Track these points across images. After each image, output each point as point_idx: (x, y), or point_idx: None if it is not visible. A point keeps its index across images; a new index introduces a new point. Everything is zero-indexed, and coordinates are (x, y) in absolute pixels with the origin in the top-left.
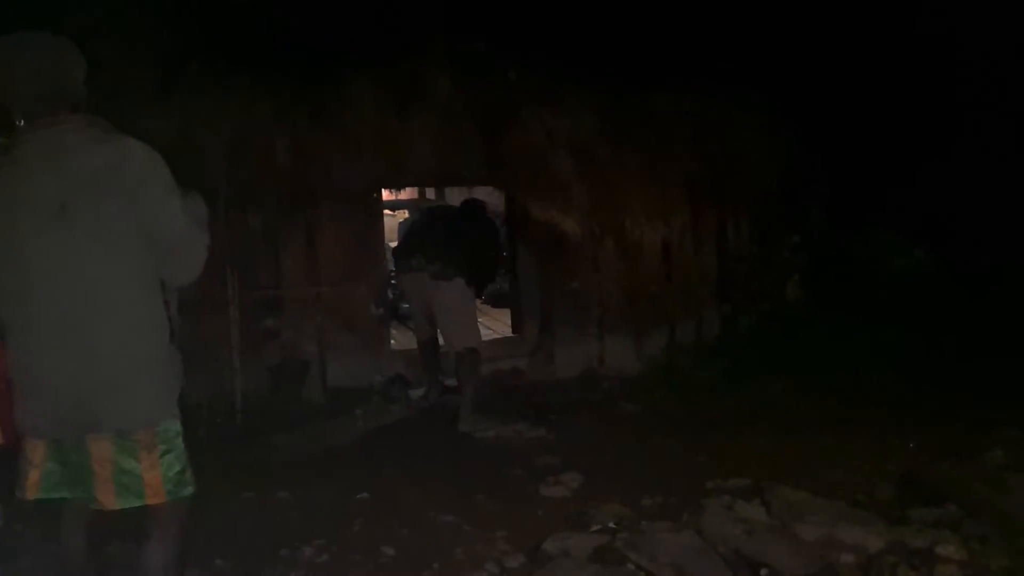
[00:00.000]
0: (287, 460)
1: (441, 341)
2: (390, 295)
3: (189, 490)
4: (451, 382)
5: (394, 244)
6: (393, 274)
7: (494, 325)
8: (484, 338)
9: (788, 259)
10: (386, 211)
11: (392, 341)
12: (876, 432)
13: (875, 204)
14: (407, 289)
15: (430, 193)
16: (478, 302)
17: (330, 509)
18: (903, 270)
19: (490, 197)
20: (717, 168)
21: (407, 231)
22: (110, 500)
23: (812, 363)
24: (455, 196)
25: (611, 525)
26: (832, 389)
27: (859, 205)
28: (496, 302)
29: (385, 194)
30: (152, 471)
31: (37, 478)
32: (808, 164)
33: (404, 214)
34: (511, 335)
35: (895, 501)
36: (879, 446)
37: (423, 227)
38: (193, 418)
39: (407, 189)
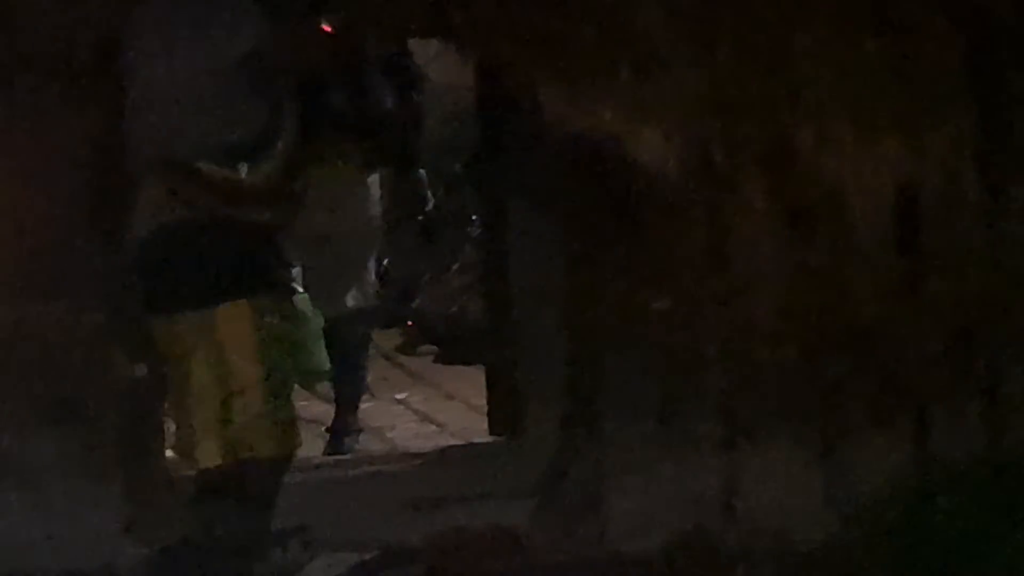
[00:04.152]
0: None
1: None
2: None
3: None
4: None
5: None
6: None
7: (442, 410)
8: (413, 441)
9: None
10: None
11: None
12: None
13: None
14: None
15: None
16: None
17: None
18: None
19: (433, 64)
20: None
21: None
22: None
23: None
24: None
25: None
26: None
27: None
28: (449, 350)
29: None
30: None
31: None
32: None
33: None
34: (486, 439)
35: None
36: None
37: None
38: None
39: None
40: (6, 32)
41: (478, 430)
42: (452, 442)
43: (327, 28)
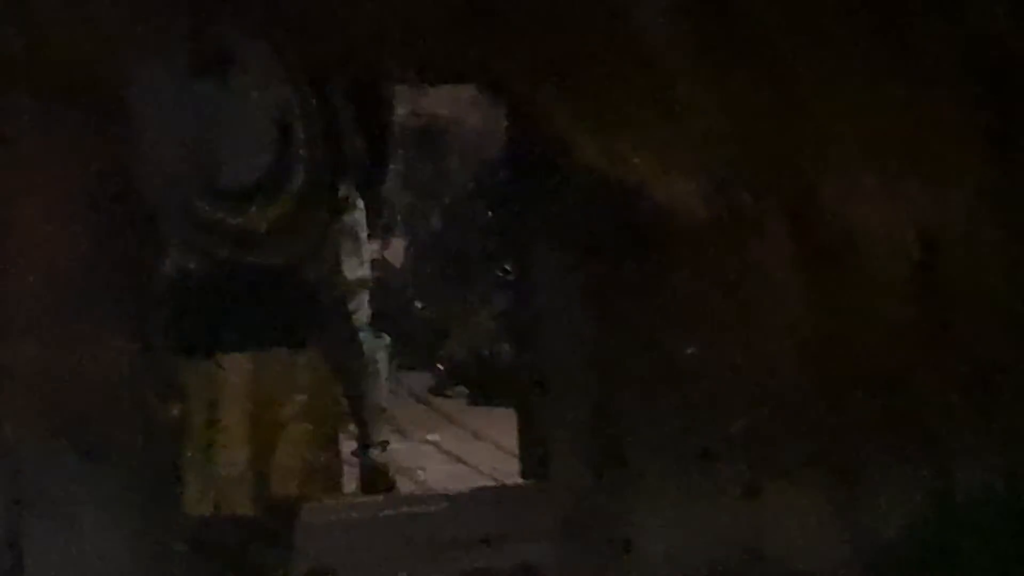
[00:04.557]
0: None
1: None
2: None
3: None
4: None
5: None
6: None
7: (473, 451)
8: (444, 482)
9: None
10: None
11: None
12: None
13: None
14: None
15: None
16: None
17: None
18: None
19: (467, 110)
20: None
21: None
22: None
23: None
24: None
25: None
26: None
27: None
28: (480, 392)
29: None
30: None
31: None
32: None
33: None
34: (517, 481)
35: None
36: None
37: None
38: None
39: None
40: (40, 70)
41: (509, 472)
42: (483, 483)
43: None
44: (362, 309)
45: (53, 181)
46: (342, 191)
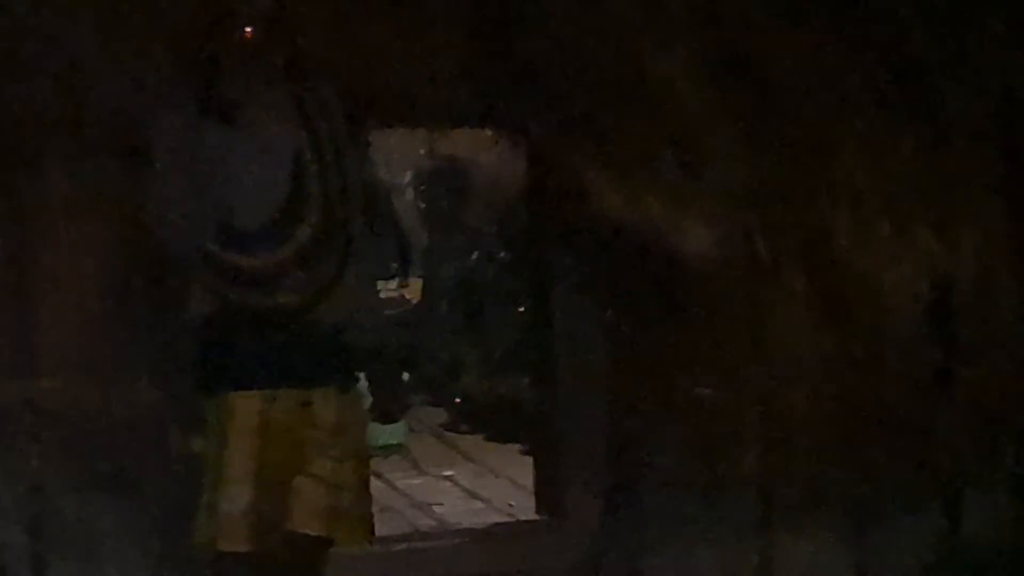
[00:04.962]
0: None
1: None
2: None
3: None
4: None
5: None
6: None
7: (489, 487)
8: (460, 518)
9: None
10: None
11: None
12: None
13: None
14: None
15: None
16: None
17: None
18: None
19: (487, 151)
20: None
21: None
22: None
23: None
24: (405, 153)
25: None
26: None
27: None
28: (496, 428)
29: None
30: None
31: None
32: None
33: None
34: (532, 517)
35: None
36: None
37: None
38: None
39: None
40: (70, 118)
41: (524, 507)
42: (498, 519)
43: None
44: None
45: (81, 224)
46: (356, 230)
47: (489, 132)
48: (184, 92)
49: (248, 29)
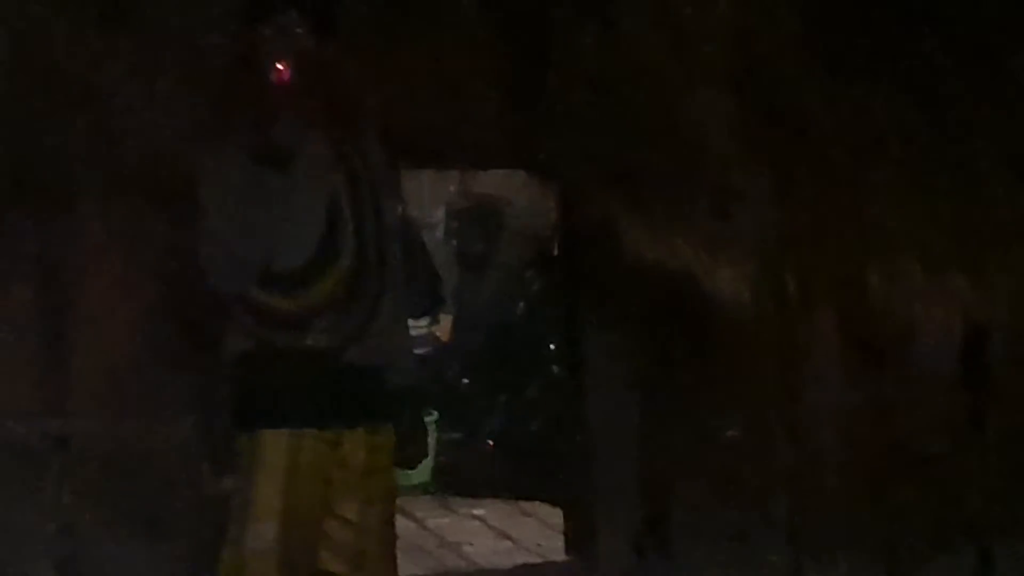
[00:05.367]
0: None
1: None
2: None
3: None
4: None
5: None
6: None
7: (519, 527)
8: (490, 557)
9: None
10: None
11: None
12: None
13: None
14: None
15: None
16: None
17: None
18: None
19: (519, 191)
20: None
21: None
22: None
23: None
24: (436, 191)
25: None
26: None
27: None
28: (528, 466)
29: None
30: None
31: None
32: None
33: None
34: (561, 557)
35: None
36: None
37: None
38: None
39: None
40: (106, 154)
41: (554, 548)
42: (528, 559)
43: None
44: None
45: (118, 262)
46: (390, 270)
47: (522, 173)
48: (224, 135)
49: (287, 72)
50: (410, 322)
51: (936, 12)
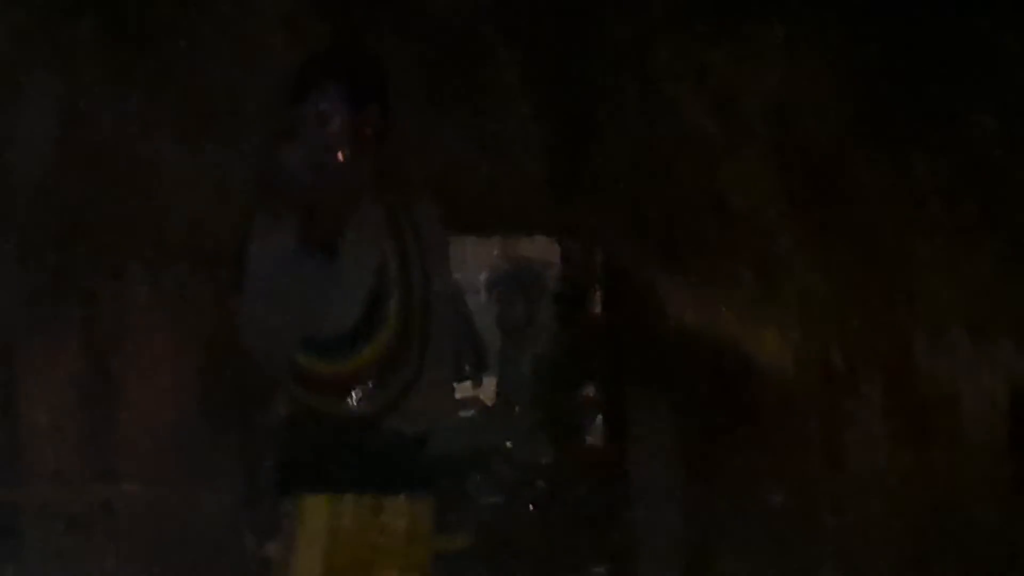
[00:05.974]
0: None
1: None
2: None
3: None
4: None
5: None
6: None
7: None
8: None
9: None
10: None
11: None
12: None
13: None
14: None
15: None
16: None
17: None
18: None
19: (561, 258)
20: None
21: None
22: None
23: None
24: (479, 255)
25: None
26: None
27: None
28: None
29: None
30: None
31: None
32: None
33: None
34: None
35: None
36: None
37: None
38: None
39: None
40: (152, 222)
41: None
42: None
43: None
44: (452, 450)
45: (164, 329)
46: (434, 335)
47: (565, 238)
48: (272, 205)
49: (336, 147)
50: (454, 385)
51: (979, 77)
